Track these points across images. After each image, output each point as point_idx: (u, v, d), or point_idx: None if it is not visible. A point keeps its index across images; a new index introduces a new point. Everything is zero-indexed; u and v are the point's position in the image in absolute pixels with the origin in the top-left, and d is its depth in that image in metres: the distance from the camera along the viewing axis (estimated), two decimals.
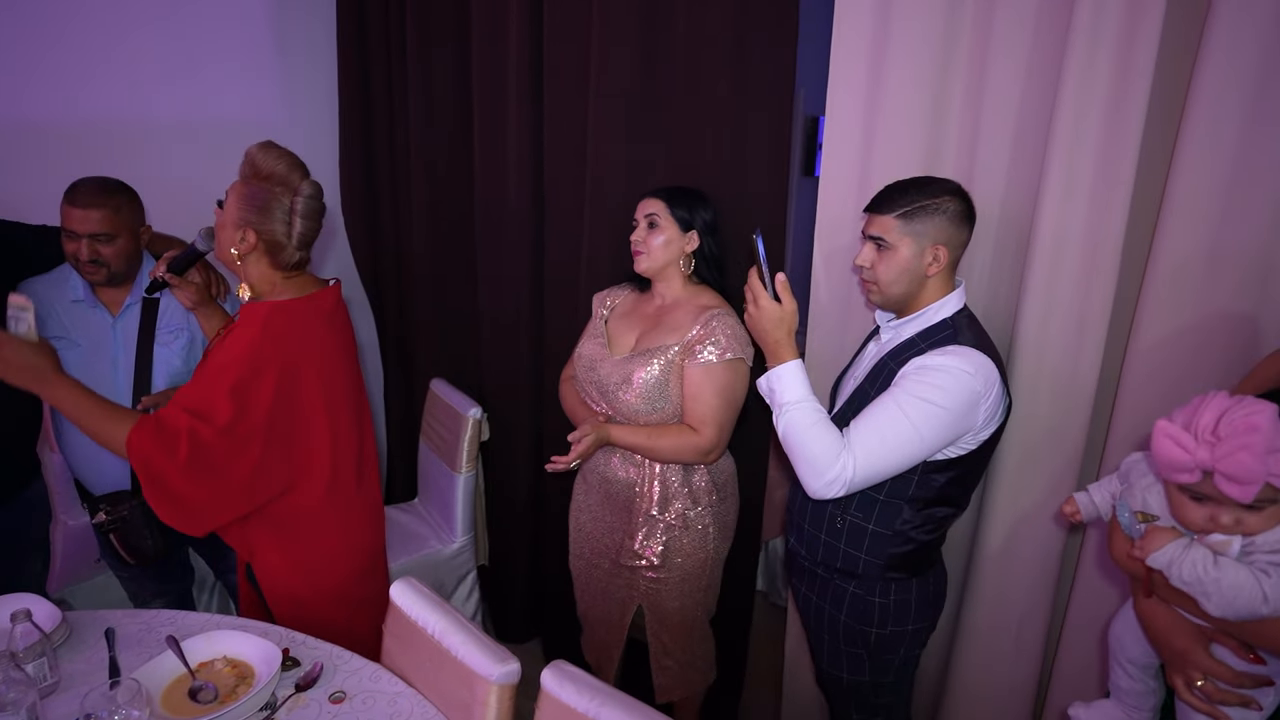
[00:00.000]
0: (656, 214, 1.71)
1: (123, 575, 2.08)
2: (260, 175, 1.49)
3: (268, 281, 1.54)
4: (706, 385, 1.64)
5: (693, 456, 1.67)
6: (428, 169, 2.47)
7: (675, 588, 1.80)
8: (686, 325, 1.67)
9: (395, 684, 1.40)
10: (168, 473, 1.39)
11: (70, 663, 1.44)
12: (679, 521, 1.74)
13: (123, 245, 1.78)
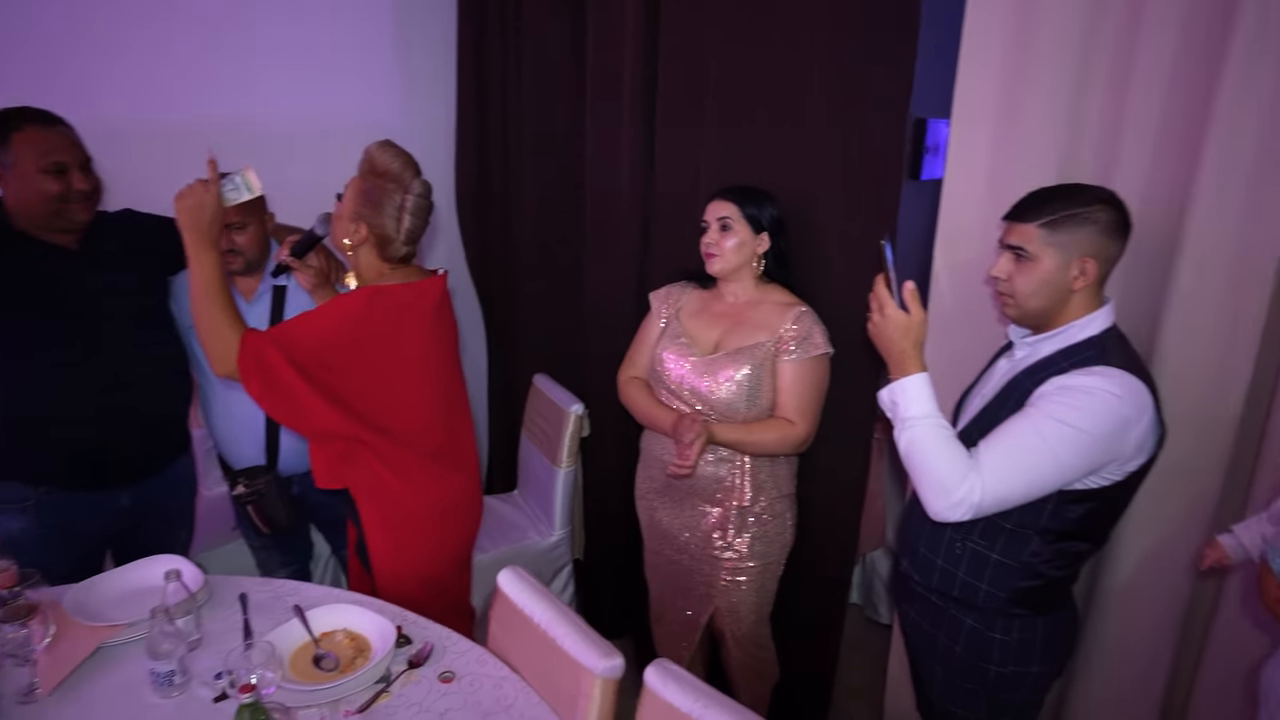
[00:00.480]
0: (729, 217, 1.75)
1: (254, 545, 2.24)
2: (376, 172, 1.58)
3: (375, 271, 1.64)
4: (802, 379, 1.72)
5: (791, 448, 1.76)
6: (539, 169, 2.54)
7: (754, 580, 1.86)
8: (775, 322, 1.74)
9: (500, 669, 1.45)
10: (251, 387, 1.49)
11: (210, 621, 1.56)
12: (768, 511, 1.82)
13: (254, 232, 1.92)
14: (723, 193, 1.79)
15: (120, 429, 1.83)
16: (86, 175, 1.74)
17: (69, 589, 1.57)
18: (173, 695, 1.36)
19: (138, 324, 1.85)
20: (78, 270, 1.77)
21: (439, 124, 2.88)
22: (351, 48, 2.67)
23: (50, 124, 1.72)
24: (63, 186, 1.69)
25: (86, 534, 1.87)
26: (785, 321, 1.73)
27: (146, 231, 1.93)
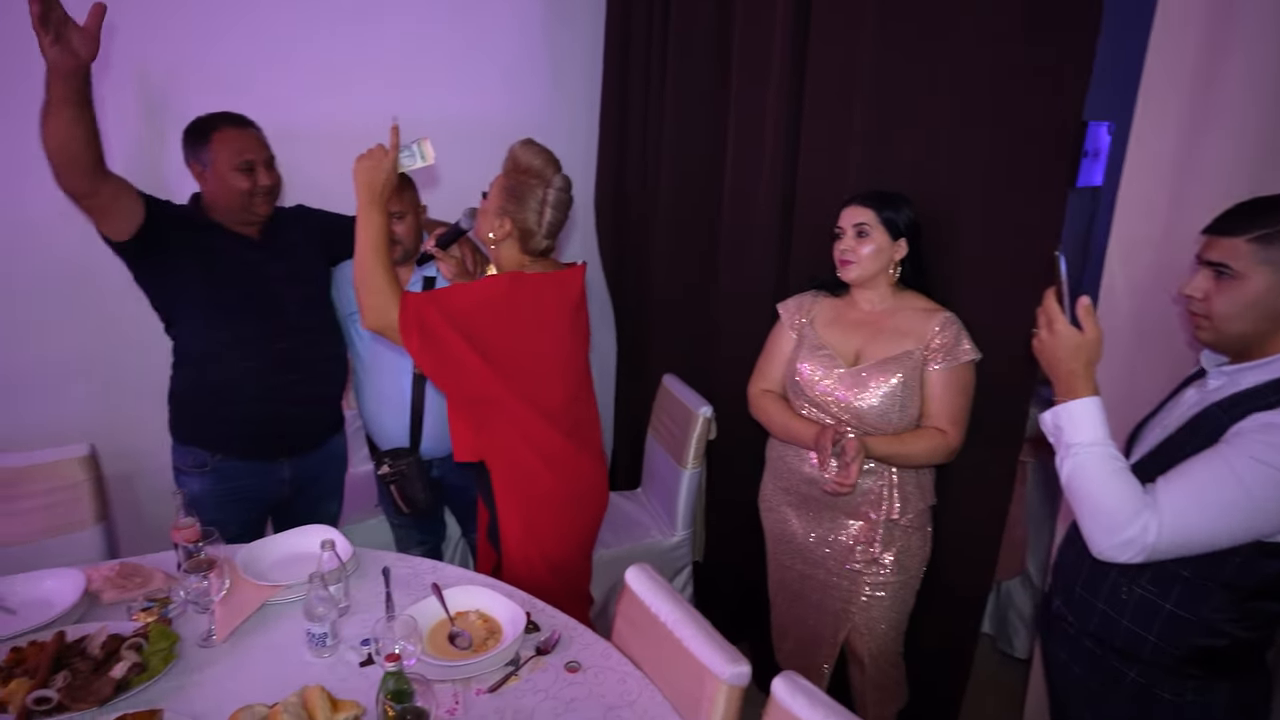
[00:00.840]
0: (866, 223, 1.71)
1: (394, 522, 2.38)
2: (520, 169, 1.66)
3: (516, 264, 1.71)
4: (952, 387, 1.69)
5: (943, 458, 1.71)
6: (678, 168, 2.54)
7: (895, 595, 1.81)
8: (920, 330, 1.70)
9: (624, 664, 1.46)
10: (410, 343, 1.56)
11: (356, 590, 1.67)
12: (913, 524, 1.78)
13: (411, 223, 2.05)
14: (858, 198, 1.75)
15: (285, 406, 1.98)
16: (270, 172, 1.91)
17: (239, 548, 1.72)
18: (324, 655, 1.47)
19: (304, 310, 2.01)
20: (259, 258, 1.94)
21: (581, 123, 2.95)
22: (500, 49, 2.77)
23: (243, 125, 1.90)
24: (251, 183, 1.86)
25: (252, 499, 2.05)
26: (931, 328, 1.69)
27: (315, 225, 2.10)
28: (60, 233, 2.18)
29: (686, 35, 2.44)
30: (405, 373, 2.08)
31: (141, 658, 1.38)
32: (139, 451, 2.40)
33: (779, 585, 2.00)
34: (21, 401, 2.24)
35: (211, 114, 1.89)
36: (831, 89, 1.98)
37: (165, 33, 2.24)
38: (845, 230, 1.74)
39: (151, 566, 1.71)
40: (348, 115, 2.52)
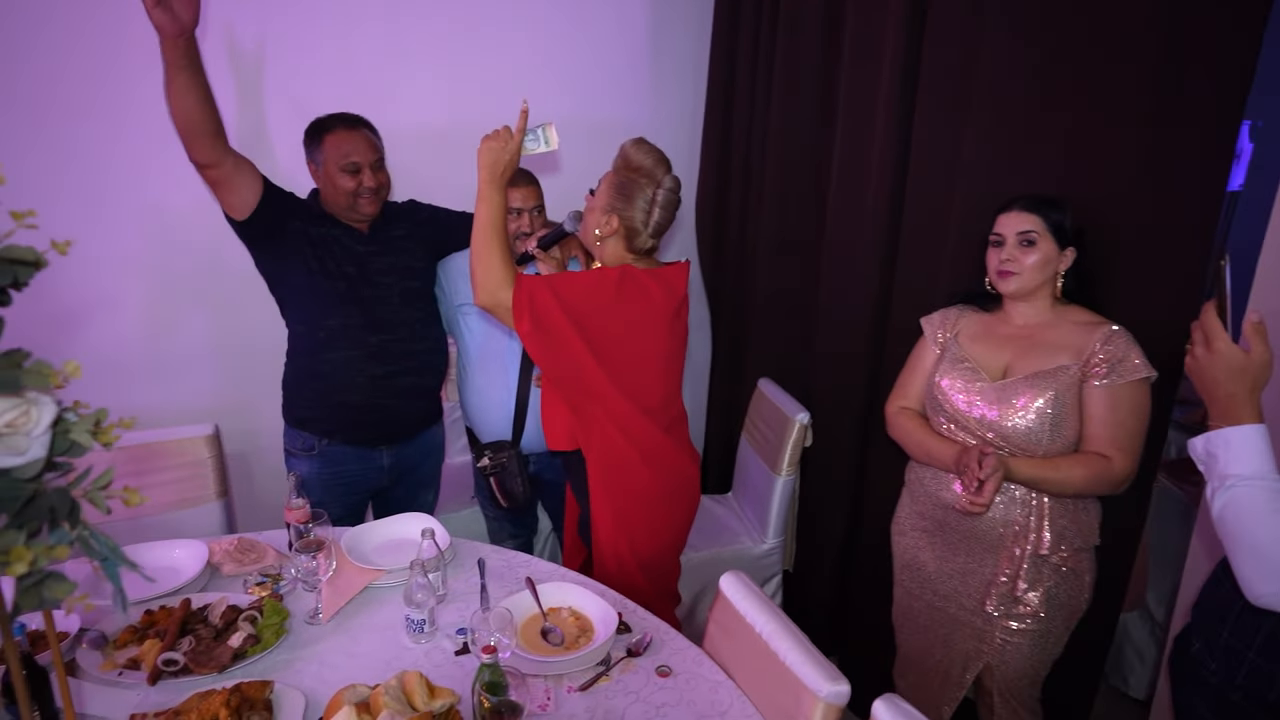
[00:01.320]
0: (1034, 231, 1.57)
1: (489, 514, 2.43)
2: (630, 167, 1.66)
3: (619, 262, 1.70)
4: (1120, 407, 1.51)
5: (1107, 488, 1.53)
6: (782, 170, 2.49)
7: (1038, 643, 1.63)
8: (1079, 344, 1.54)
9: (716, 673, 1.43)
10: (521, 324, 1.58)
11: (452, 579, 1.70)
12: (1067, 564, 1.59)
13: (541, 219, 2.11)
14: (1023, 202, 1.59)
15: (383, 397, 2.05)
16: (375, 174, 1.96)
17: (344, 532, 1.79)
18: (421, 641, 1.50)
19: (408, 303, 2.07)
20: (367, 252, 2.02)
21: (684, 123, 2.94)
22: (606, 49, 2.79)
23: (354, 126, 1.96)
24: (355, 183, 1.93)
25: (354, 484, 2.14)
26: (1093, 342, 1.52)
27: (424, 220, 2.16)
28: (195, 228, 2.33)
29: (794, 32, 2.39)
30: (512, 367, 2.12)
31: (256, 630, 1.46)
32: (255, 433, 2.55)
33: (904, 614, 1.86)
34: (159, 382, 2.41)
35: (329, 115, 1.97)
36: (947, 88, 1.88)
37: (294, 35, 2.36)
38: (1007, 238, 1.59)
39: (265, 543, 1.80)
40: (455, 115, 2.59)
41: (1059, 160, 1.70)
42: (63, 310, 2.25)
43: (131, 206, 2.29)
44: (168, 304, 2.39)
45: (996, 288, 1.65)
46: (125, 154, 2.25)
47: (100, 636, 1.42)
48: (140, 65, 2.19)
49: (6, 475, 0.65)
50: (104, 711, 1.29)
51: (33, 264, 0.67)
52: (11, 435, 0.63)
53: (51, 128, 2.15)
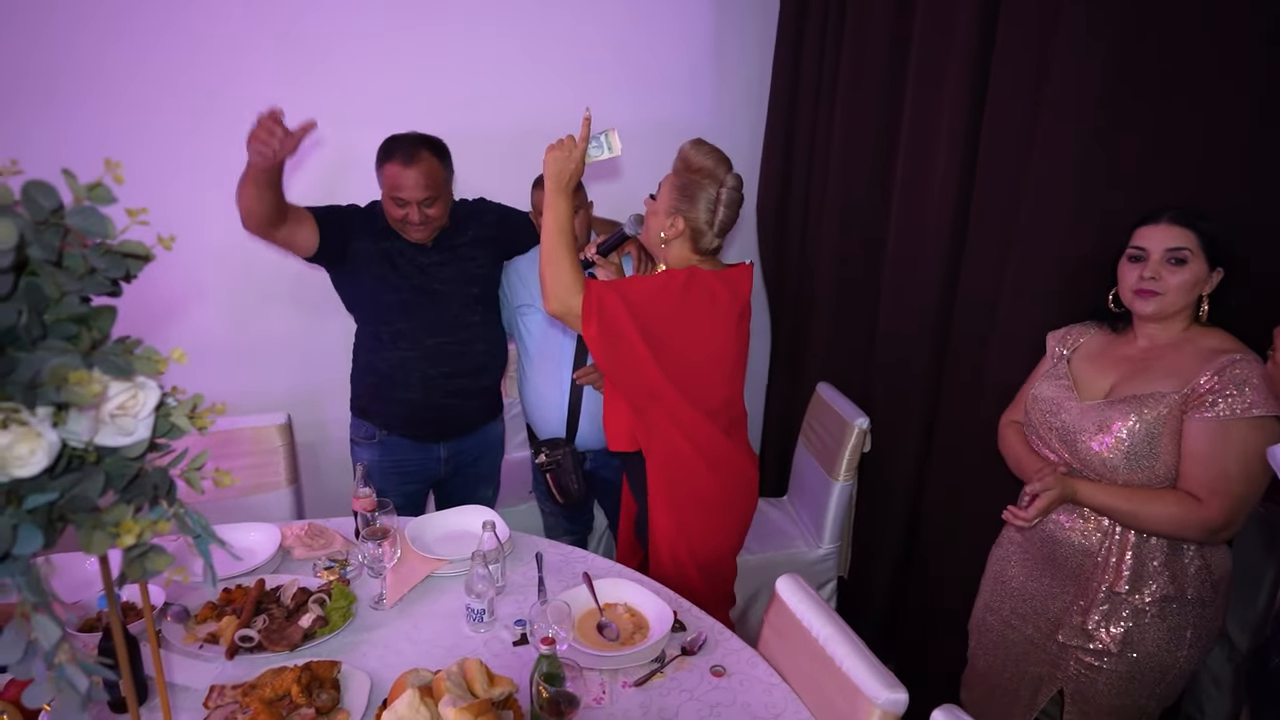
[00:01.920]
0: (1187, 248, 1.40)
1: (545, 509, 2.47)
2: (691, 168, 1.66)
3: (684, 263, 1.71)
4: (1222, 445, 1.34)
5: (1194, 533, 1.38)
6: (845, 172, 2.46)
7: (1118, 685, 1.50)
8: (1190, 370, 1.39)
9: (771, 675, 1.43)
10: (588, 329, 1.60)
11: (510, 572, 1.74)
12: (1154, 609, 1.45)
13: (582, 218, 2.11)
14: (1174, 213, 1.42)
15: (440, 396, 2.12)
16: (423, 209, 1.95)
17: (408, 521, 1.85)
18: (481, 630, 1.54)
19: (467, 309, 2.12)
20: (431, 262, 2.06)
21: (746, 126, 2.93)
22: (669, 51, 2.80)
23: (409, 163, 1.92)
24: (403, 215, 1.97)
25: (413, 474, 2.21)
26: (1208, 369, 1.36)
27: (492, 221, 2.20)
28: None
29: (860, 38, 2.36)
30: (566, 367, 2.15)
31: (325, 612, 1.52)
32: (323, 423, 2.64)
33: (982, 625, 1.78)
34: (237, 372, 2.52)
35: (395, 139, 1.97)
36: (1017, 97, 1.83)
37: (364, 37, 2.44)
38: (1151, 253, 1.43)
39: (334, 530, 1.87)
40: (519, 118, 2.64)
41: (1135, 172, 1.64)
42: (157, 300, 2.37)
43: (217, 203, 2.39)
44: (248, 297, 2.50)
45: (1131, 308, 1.49)
46: (211, 153, 2.35)
47: (183, 611, 1.50)
48: (223, 73, 2.30)
49: (116, 454, 0.70)
50: (186, 681, 1.36)
51: (143, 258, 0.71)
52: (122, 417, 0.68)
53: (154, 128, 2.27)
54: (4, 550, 0.60)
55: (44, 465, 0.63)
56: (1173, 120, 1.59)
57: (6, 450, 0.61)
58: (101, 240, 0.70)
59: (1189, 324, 1.47)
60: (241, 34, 2.29)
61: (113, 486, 0.70)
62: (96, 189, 0.68)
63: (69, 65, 2.16)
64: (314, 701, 1.25)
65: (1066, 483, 1.46)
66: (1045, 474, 1.46)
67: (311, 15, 2.36)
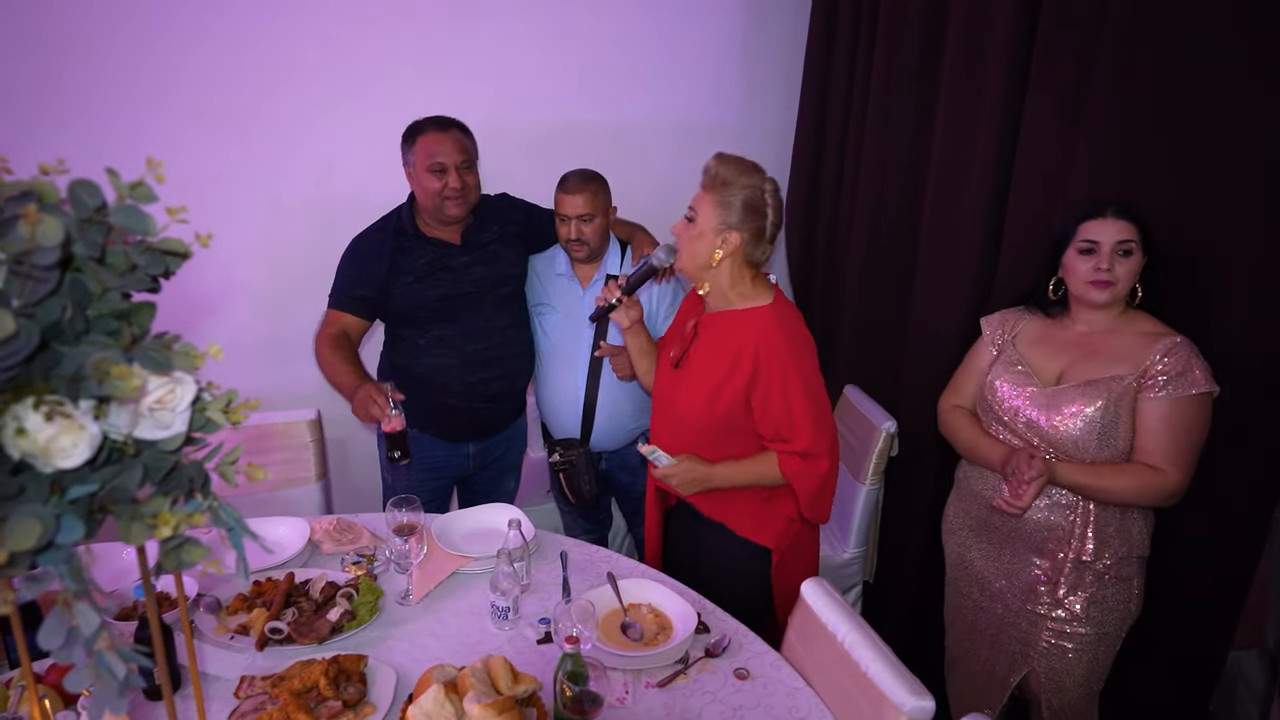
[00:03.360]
0: (1132, 240, 1.54)
1: (563, 508, 2.48)
2: (727, 182, 1.61)
3: (744, 282, 1.66)
4: (1175, 420, 1.50)
5: (1154, 499, 1.54)
6: (876, 174, 2.44)
7: (1088, 649, 1.63)
8: (1138, 354, 1.53)
9: (795, 679, 1.42)
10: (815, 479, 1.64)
11: (535, 570, 1.75)
12: (1111, 571, 1.59)
13: (599, 225, 2.09)
14: (1117, 208, 1.56)
15: (475, 401, 2.13)
16: (463, 175, 1.97)
17: (434, 518, 1.86)
18: (505, 628, 1.55)
19: (499, 309, 2.13)
20: (462, 264, 2.07)
21: (776, 127, 2.92)
22: (698, 54, 2.80)
23: (445, 129, 1.98)
24: (441, 184, 1.96)
25: (440, 470, 2.23)
26: (1153, 353, 1.51)
27: (518, 217, 2.21)
28: (306, 224, 2.47)
29: (894, 41, 2.33)
30: (581, 367, 2.16)
31: (352, 606, 1.54)
32: (353, 419, 2.65)
33: (954, 612, 1.90)
34: (269, 367, 2.57)
35: (424, 118, 2.01)
36: (1056, 100, 1.80)
37: (389, 38, 2.46)
38: (1103, 246, 1.55)
39: (361, 525, 1.90)
40: (544, 117, 2.66)
41: (1170, 176, 1.61)
42: (193, 296, 2.42)
43: (253, 202, 2.45)
44: (281, 294, 2.54)
45: (1085, 297, 1.59)
46: (249, 154, 2.40)
47: (215, 602, 1.53)
48: (266, 79, 2.35)
49: (153, 447, 0.71)
50: (217, 670, 1.39)
51: (182, 255, 0.73)
52: (160, 411, 0.69)
53: (193, 130, 2.32)
54: (47, 539, 0.61)
55: (86, 457, 0.64)
56: (1215, 120, 1.56)
57: (51, 442, 0.62)
58: (143, 238, 0.71)
59: (1122, 309, 1.61)
60: (276, 38, 2.33)
61: (150, 479, 0.71)
62: (139, 187, 0.70)
63: (110, 68, 2.22)
64: (341, 694, 1.27)
65: (1050, 466, 1.56)
66: (1032, 460, 1.54)
67: (345, 19, 2.39)
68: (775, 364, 1.58)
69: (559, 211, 2.08)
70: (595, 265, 2.18)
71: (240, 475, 0.82)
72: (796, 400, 1.59)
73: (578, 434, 2.20)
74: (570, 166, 2.14)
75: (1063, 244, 1.62)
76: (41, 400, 0.62)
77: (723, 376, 1.63)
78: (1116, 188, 1.67)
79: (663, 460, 1.68)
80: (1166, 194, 1.62)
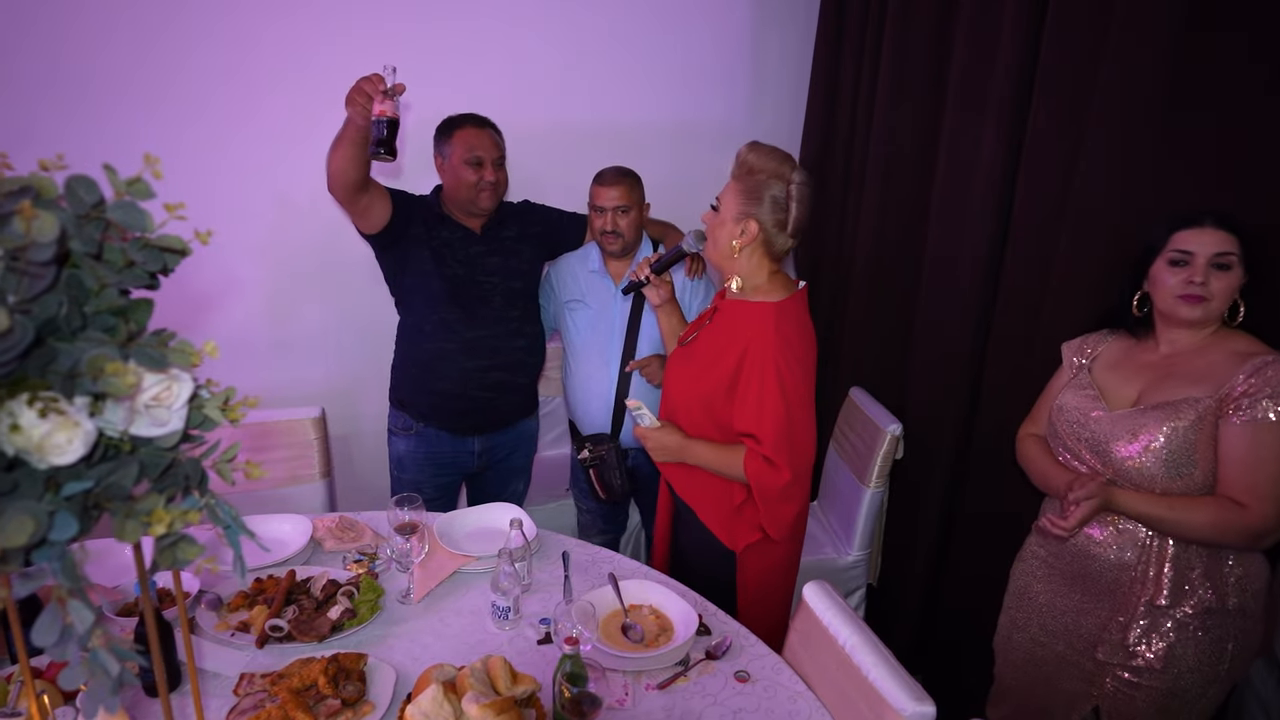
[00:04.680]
0: (1232, 253, 1.37)
1: (583, 508, 2.47)
2: (754, 170, 1.59)
3: (760, 275, 1.65)
4: (1263, 448, 1.32)
5: (1236, 539, 1.35)
6: (885, 173, 2.43)
7: (1158, 701, 1.46)
8: (1221, 374, 1.37)
9: (796, 682, 1.41)
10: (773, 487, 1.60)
11: (537, 570, 1.74)
12: (1195, 621, 1.41)
13: (634, 218, 2.12)
14: (1217, 218, 1.39)
15: (475, 389, 2.13)
16: (496, 170, 2.05)
17: (436, 517, 1.86)
18: (505, 628, 1.54)
19: (508, 302, 2.14)
20: (479, 251, 2.10)
21: (784, 127, 2.91)
22: (707, 50, 2.79)
23: (482, 126, 2.06)
24: (477, 176, 2.01)
25: (447, 465, 2.23)
26: (1239, 373, 1.34)
27: (536, 220, 2.24)
28: (314, 221, 2.48)
29: (903, 30, 2.32)
30: (613, 362, 2.16)
31: (353, 604, 1.53)
32: (357, 417, 2.68)
33: (1006, 643, 1.74)
34: (273, 365, 2.57)
35: (461, 114, 2.06)
36: (1065, 95, 1.79)
37: (413, 38, 2.47)
38: (1198, 258, 1.39)
39: (364, 523, 1.89)
40: (554, 116, 2.66)
41: (1185, 173, 1.59)
42: (196, 293, 2.43)
43: (259, 199, 2.45)
44: (286, 291, 2.55)
45: (1174, 313, 1.43)
46: (254, 150, 2.41)
47: (216, 599, 1.54)
48: (269, 75, 2.35)
49: (150, 444, 0.71)
50: (217, 668, 1.39)
51: (180, 252, 0.73)
52: (156, 408, 0.69)
53: (195, 126, 2.33)
54: (41, 536, 0.61)
55: (81, 454, 0.64)
56: (1217, 128, 1.55)
57: (46, 438, 0.62)
58: (141, 234, 0.71)
59: (1217, 329, 1.44)
60: (280, 35, 2.34)
61: (147, 476, 0.71)
62: (136, 184, 0.69)
63: (110, 64, 2.22)
64: (340, 693, 1.26)
65: (1107, 491, 1.42)
66: (1086, 481, 1.42)
67: (353, 15, 2.40)
68: (759, 363, 1.57)
69: (595, 204, 2.11)
70: (628, 262, 2.19)
71: (239, 473, 0.82)
72: (769, 404, 1.56)
73: (608, 430, 2.19)
74: (578, 165, 2.15)
75: (1150, 254, 1.47)
76: (36, 396, 0.62)
77: (713, 361, 1.65)
78: (1123, 186, 1.66)
79: (645, 419, 1.74)
80: (1178, 196, 1.59)
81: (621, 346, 2.14)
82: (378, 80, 1.73)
